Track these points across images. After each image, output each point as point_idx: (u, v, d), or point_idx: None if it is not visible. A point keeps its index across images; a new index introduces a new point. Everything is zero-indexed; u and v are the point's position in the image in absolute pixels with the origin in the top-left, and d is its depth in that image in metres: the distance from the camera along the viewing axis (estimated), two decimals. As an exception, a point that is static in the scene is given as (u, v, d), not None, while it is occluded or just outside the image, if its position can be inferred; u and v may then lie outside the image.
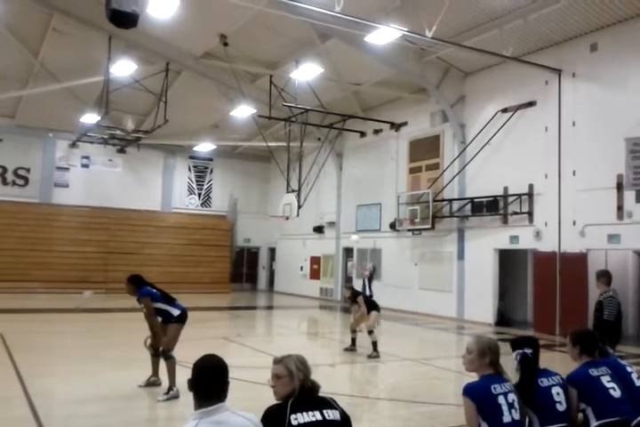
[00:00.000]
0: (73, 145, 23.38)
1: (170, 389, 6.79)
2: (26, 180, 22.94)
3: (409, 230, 18.08)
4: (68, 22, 16.28)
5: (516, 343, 3.84)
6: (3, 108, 21.00)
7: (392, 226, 18.66)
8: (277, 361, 3.03)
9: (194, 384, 2.63)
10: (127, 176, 24.62)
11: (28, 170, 22.94)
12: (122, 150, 23.75)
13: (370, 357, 10.07)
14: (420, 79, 16.80)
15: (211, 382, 2.63)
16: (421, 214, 17.07)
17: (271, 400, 2.97)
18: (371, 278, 15.17)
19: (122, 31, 13.48)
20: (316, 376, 3.06)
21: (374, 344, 10.17)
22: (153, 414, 6.69)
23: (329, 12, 11.64)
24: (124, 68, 16.74)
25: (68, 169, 23.63)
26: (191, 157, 26.14)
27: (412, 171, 18.73)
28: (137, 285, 7.13)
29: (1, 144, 22.46)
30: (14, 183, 22.76)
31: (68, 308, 16.73)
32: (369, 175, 20.90)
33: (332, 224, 22.75)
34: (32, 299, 19.27)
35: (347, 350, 10.73)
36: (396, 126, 19.52)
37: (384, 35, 12.57)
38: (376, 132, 20.55)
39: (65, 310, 16.55)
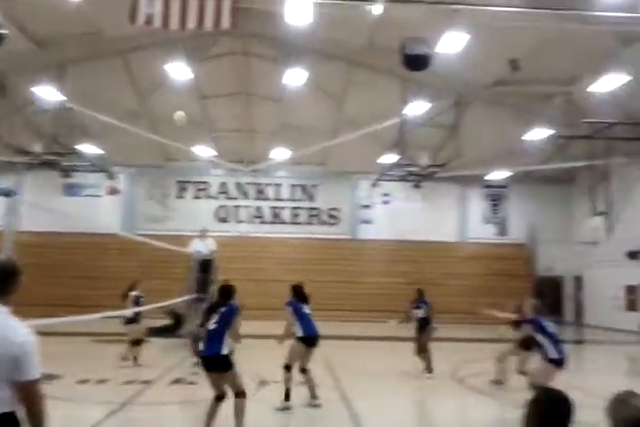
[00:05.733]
0: (374, 184, 25.36)
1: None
2: (337, 218, 25.69)
3: None
4: (364, 73, 18.05)
5: None
6: (316, 157, 23.92)
7: None
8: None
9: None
10: (424, 210, 25.59)
11: (338, 210, 25.70)
12: (418, 185, 24.66)
13: None
14: None
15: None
16: None
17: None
18: None
19: (413, 74, 14.44)
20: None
21: None
22: None
23: (633, 15, 10.64)
24: (417, 108, 17.75)
25: (370, 206, 25.70)
26: (486, 186, 25.96)
27: None
28: None
29: (316, 188, 25.75)
30: (326, 222, 25.72)
31: (376, 335, 17.79)
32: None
33: (649, 249, 19.96)
34: (345, 326, 21.00)
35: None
36: None
37: None
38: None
39: (375, 337, 17.64)
